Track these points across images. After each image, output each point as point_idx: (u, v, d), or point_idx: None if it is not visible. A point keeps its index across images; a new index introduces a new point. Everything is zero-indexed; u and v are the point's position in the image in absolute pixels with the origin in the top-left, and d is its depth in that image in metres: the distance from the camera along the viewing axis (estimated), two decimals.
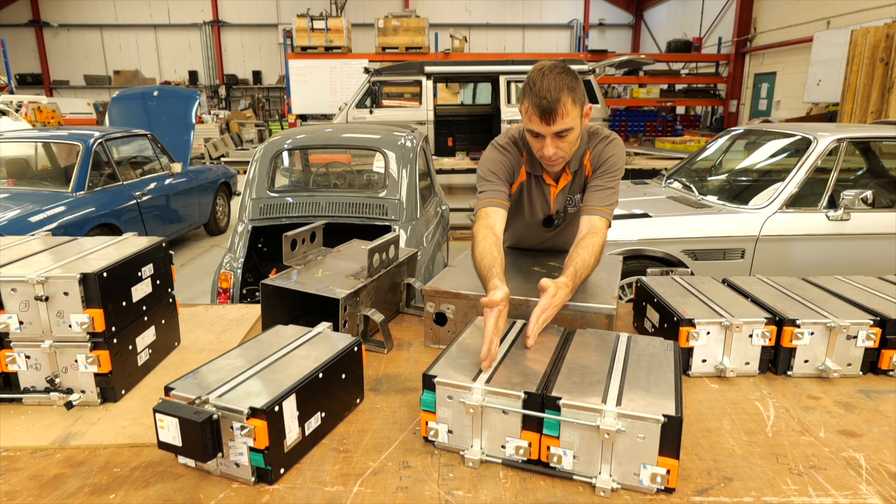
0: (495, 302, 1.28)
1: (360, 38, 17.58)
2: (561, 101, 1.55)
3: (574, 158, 1.81)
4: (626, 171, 6.54)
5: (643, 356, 1.22)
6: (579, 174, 1.85)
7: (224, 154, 13.56)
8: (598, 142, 1.81)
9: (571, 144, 1.68)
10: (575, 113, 1.60)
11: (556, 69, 1.59)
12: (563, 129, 1.60)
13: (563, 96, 1.55)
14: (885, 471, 1.10)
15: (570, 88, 1.57)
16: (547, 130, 1.61)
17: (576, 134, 1.66)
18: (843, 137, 3.70)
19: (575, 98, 1.59)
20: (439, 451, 1.16)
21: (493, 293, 1.32)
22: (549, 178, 1.86)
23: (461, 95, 13.85)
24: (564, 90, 1.56)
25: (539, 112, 1.57)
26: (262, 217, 3.41)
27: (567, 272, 1.49)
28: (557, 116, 1.57)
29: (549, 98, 1.55)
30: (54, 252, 1.47)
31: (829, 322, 1.42)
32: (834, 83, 9.99)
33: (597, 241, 1.62)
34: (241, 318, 1.88)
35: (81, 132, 5.73)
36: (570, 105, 1.57)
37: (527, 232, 2.00)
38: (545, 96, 1.55)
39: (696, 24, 18.29)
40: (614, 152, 1.79)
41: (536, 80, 1.58)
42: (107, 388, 1.33)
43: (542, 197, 1.90)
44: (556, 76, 1.56)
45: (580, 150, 1.81)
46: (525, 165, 1.84)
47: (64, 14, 21.56)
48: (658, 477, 1.01)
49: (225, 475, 1.07)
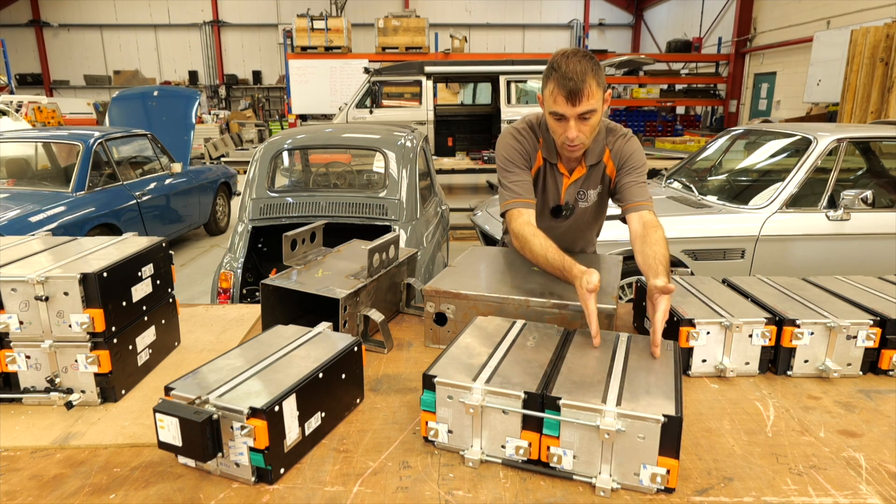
0: (598, 286, 1.35)
1: (360, 38, 17.58)
2: (587, 82, 1.59)
3: (591, 152, 1.83)
4: None
5: (643, 356, 1.23)
6: (596, 169, 1.87)
7: (224, 154, 13.56)
8: (616, 138, 1.84)
9: (593, 129, 1.70)
10: (598, 95, 1.63)
11: (580, 53, 1.64)
12: (587, 111, 1.63)
13: (588, 78, 1.59)
14: (885, 471, 1.10)
15: (594, 71, 1.61)
16: (572, 112, 1.63)
17: (597, 118, 1.69)
18: (843, 137, 3.70)
19: (598, 81, 1.62)
20: (439, 451, 1.16)
21: (589, 276, 1.37)
22: (562, 168, 1.87)
23: (461, 95, 13.86)
24: (589, 72, 1.60)
25: (566, 93, 1.60)
26: (262, 217, 3.41)
27: (660, 272, 1.49)
28: (583, 97, 1.60)
29: (575, 79, 1.58)
30: (54, 252, 1.47)
31: (829, 322, 1.42)
32: (834, 83, 9.99)
33: (661, 233, 1.66)
34: (241, 318, 1.88)
35: (81, 132, 5.73)
36: (595, 87, 1.61)
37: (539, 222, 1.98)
38: (572, 77, 1.58)
39: (696, 24, 18.29)
40: (636, 148, 1.83)
41: (561, 62, 1.61)
42: (107, 388, 1.33)
43: (554, 186, 1.91)
44: (581, 59, 1.61)
45: (598, 143, 1.83)
46: (541, 151, 1.86)
47: (64, 14, 21.56)
48: (658, 477, 1.01)
49: (225, 475, 1.07)
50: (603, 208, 2.04)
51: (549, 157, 1.86)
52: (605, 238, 3.52)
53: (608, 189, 1.95)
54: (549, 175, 1.90)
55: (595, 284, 1.35)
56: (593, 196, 1.94)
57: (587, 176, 1.87)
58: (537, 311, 1.53)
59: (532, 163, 1.86)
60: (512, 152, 1.85)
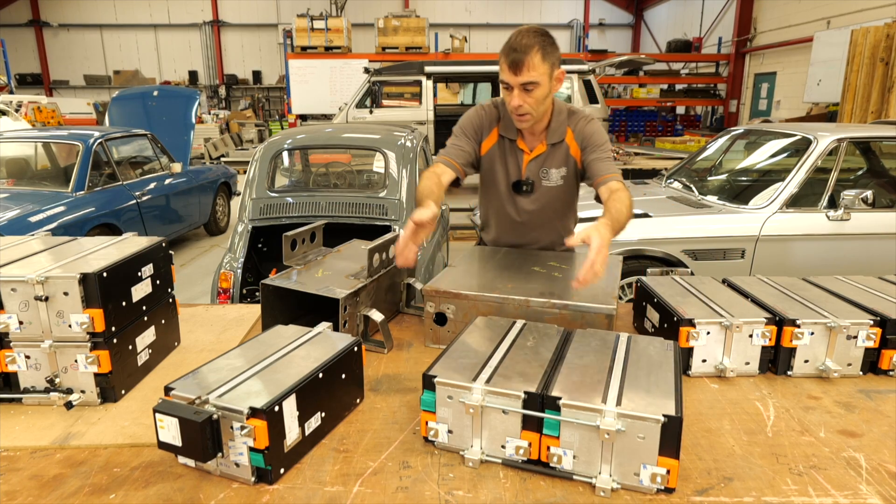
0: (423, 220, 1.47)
1: (360, 38, 17.56)
2: (530, 54, 1.70)
3: (553, 131, 1.93)
4: (626, 171, 6.56)
5: (643, 356, 1.22)
6: (558, 148, 1.94)
7: (224, 154, 13.56)
8: (578, 120, 1.94)
9: (538, 101, 1.78)
10: (543, 69, 1.73)
11: (533, 30, 1.75)
12: (530, 82, 1.73)
13: (532, 51, 1.70)
14: (885, 471, 1.10)
15: (541, 46, 1.72)
16: (515, 81, 1.74)
17: (543, 91, 1.77)
18: (843, 137, 3.70)
19: (545, 56, 1.72)
20: (439, 451, 1.16)
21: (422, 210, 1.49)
22: (522, 144, 1.96)
23: (461, 95, 13.85)
24: (536, 46, 1.71)
25: (509, 62, 1.72)
26: (262, 217, 3.41)
27: (604, 217, 1.56)
28: (524, 68, 1.71)
29: (519, 50, 1.70)
30: (54, 252, 1.47)
31: (829, 322, 1.42)
32: (834, 83, 9.99)
33: (625, 194, 1.71)
34: (241, 318, 1.88)
35: (81, 132, 5.73)
36: (539, 61, 1.71)
37: (505, 201, 2.04)
38: (516, 49, 1.71)
39: (696, 24, 18.29)
40: (596, 128, 1.92)
41: (513, 36, 1.75)
42: (107, 388, 1.33)
43: (515, 161, 1.99)
44: (532, 35, 1.72)
45: (560, 124, 1.92)
46: (499, 128, 1.97)
47: (64, 14, 21.55)
48: (658, 477, 1.01)
49: (225, 475, 1.07)
50: (572, 195, 2.06)
51: (507, 133, 1.96)
52: None
53: (576, 173, 1.99)
54: (508, 151, 1.98)
55: (420, 218, 1.46)
56: (556, 177, 1.98)
57: (548, 154, 1.94)
58: (537, 311, 1.53)
59: (484, 136, 1.98)
60: (466, 123, 1.99)
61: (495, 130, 1.97)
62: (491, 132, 1.97)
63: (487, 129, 1.97)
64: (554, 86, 1.80)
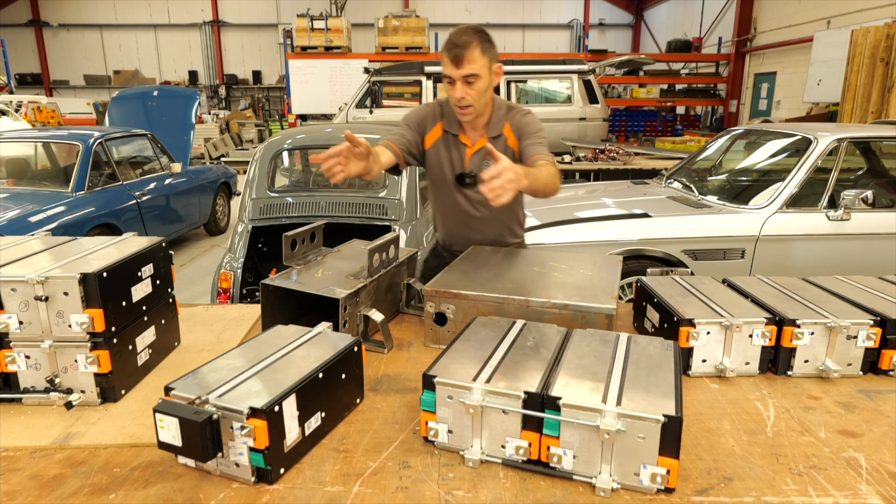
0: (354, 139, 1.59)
1: (360, 38, 17.57)
2: (470, 48, 1.82)
3: (493, 125, 2.02)
4: (626, 171, 6.56)
5: (643, 356, 1.22)
6: (498, 141, 2.03)
7: (224, 154, 13.56)
8: (515, 114, 2.04)
9: (479, 93, 1.89)
10: (483, 62, 1.85)
11: (472, 28, 1.87)
12: (471, 74, 1.84)
13: (472, 46, 1.82)
14: (885, 471, 1.10)
15: (480, 41, 1.84)
16: (457, 74, 1.85)
17: (483, 83, 1.88)
18: (843, 137, 3.70)
19: (484, 50, 1.85)
20: (439, 451, 1.16)
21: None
22: (465, 139, 2.05)
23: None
24: (475, 41, 1.83)
25: (451, 57, 1.83)
26: (262, 217, 3.41)
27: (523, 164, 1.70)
28: (465, 61, 1.82)
29: (459, 45, 1.82)
30: (54, 252, 1.47)
31: (829, 322, 1.42)
32: (834, 83, 9.99)
33: (551, 169, 1.80)
34: (241, 318, 1.88)
35: (81, 132, 5.73)
36: (479, 54, 1.84)
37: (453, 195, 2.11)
38: (457, 44, 1.83)
39: (696, 24, 18.28)
40: (532, 119, 2.02)
41: (452, 34, 1.87)
42: (107, 388, 1.33)
43: (458, 155, 2.07)
44: (470, 32, 1.85)
45: (499, 118, 2.02)
46: (443, 123, 2.07)
47: (64, 14, 21.55)
48: (658, 477, 1.01)
49: (225, 475, 1.07)
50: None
51: (450, 128, 2.06)
52: (605, 238, 3.55)
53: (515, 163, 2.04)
54: (451, 146, 2.07)
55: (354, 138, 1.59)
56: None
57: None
58: (537, 311, 1.53)
59: (427, 130, 2.08)
60: (410, 116, 2.11)
61: (439, 125, 2.07)
62: (434, 126, 2.07)
63: (431, 123, 2.08)
64: (493, 79, 1.92)
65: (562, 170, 6.74)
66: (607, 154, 7.17)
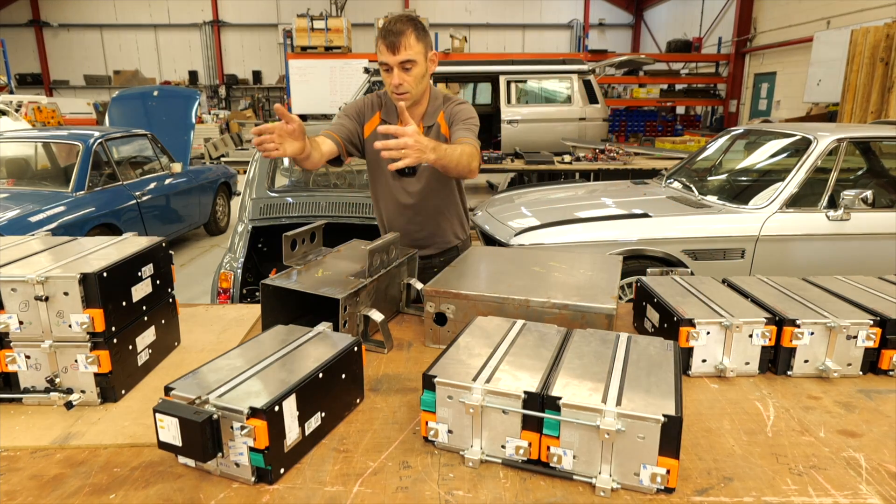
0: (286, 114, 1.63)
1: (360, 38, 17.57)
2: (405, 34, 1.85)
3: (428, 115, 2.07)
4: (626, 171, 6.56)
5: (643, 356, 1.22)
6: (433, 130, 2.07)
7: (224, 154, 13.56)
8: (450, 104, 2.08)
9: (416, 79, 1.92)
10: (419, 48, 1.89)
11: (406, 16, 1.91)
12: (407, 60, 1.87)
13: (407, 32, 1.86)
14: (885, 471, 1.10)
15: (415, 28, 1.88)
16: (393, 60, 1.87)
17: (420, 70, 1.92)
18: (843, 137, 3.70)
19: (419, 37, 1.88)
20: (439, 451, 1.16)
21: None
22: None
23: (461, 95, 13.84)
24: (410, 29, 1.87)
25: (387, 44, 1.86)
26: (262, 217, 3.41)
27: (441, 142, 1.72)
28: (401, 47, 1.85)
29: (394, 31, 1.85)
30: (54, 252, 1.47)
31: (829, 322, 1.42)
32: (834, 83, 9.99)
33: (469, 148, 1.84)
34: (241, 318, 1.88)
35: (81, 132, 5.73)
36: (414, 40, 1.87)
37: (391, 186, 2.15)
38: (392, 31, 1.85)
39: (696, 24, 18.29)
40: (464, 108, 2.05)
41: (386, 22, 1.90)
42: (107, 388, 1.33)
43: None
44: (405, 20, 1.89)
45: (435, 108, 2.06)
46: (381, 113, 2.10)
47: (64, 14, 21.56)
48: (658, 477, 1.01)
49: (225, 475, 1.07)
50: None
51: (388, 118, 2.08)
52: (605, 238, 3.55)
53: None
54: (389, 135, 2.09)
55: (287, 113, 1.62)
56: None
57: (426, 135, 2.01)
58: (537, 311, 1.53)
59: (366, 119, 2.12)
60: (349, 107, 2.15)
61: (377, 115, 2.10)
62: (373, 116, 2.11)
63: (370, 113, 2.11)
64: (429, 66, 1.96)
65: (562, 170, 6.74)
66: (607, 154, 7.17)
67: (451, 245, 2.24)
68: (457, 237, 2.25)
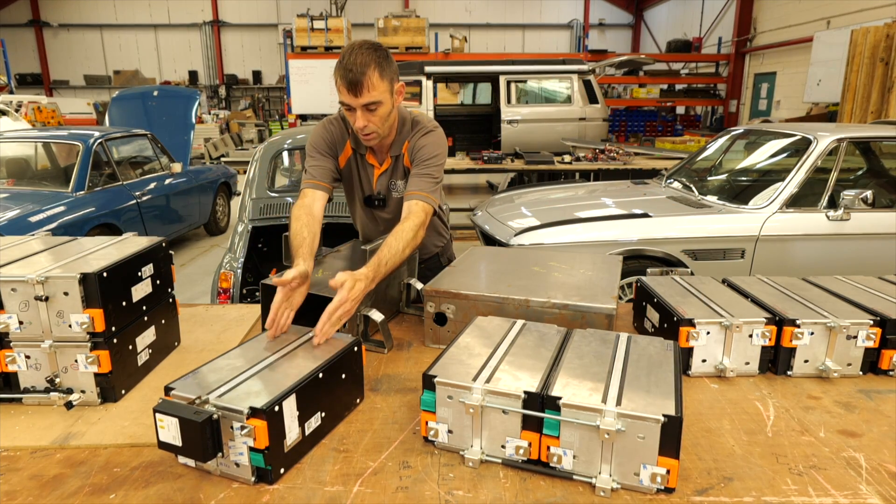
0: (284, 281, 1.41)
1: (360, 38, 17.53)
2: (367, 74, 1.63)
3: (396, 144, 1.90)
4: (626, 171, 6.56)
5: (643, 356, 1.22)
6: (399, 161, 1.93)
7: (224, 154, 13.57)
8: (416, 132, 1.89)
9: (382, 119, 1.74)
10: (383, 87, 1.68)
11: (366, 46, 1.68)
12: (371, 102, 1.68)
13: (369, 70, 1.63)
14: (885, 471, 1.10)
15: (377, 64, 1.65)
16: (356, 102, 1.67)
17: (386, 108, 1.73)
18: (843, 137, 3.70)
19: (382, 73, 1.67)
20: (439, 451, 1.16)
21: (286, 273, 1.44)
22: (372, 159, 1.94)
23: (461, 95, 13.84)
24: (372, 65, 1.64)
25: (347, 84, 1.65)
26: (262, 217, 3.41)
27: (371, 262, 1.54)
28: (364, 89, 1.65)
29: (355, 71, 1.63)
30: (54, 252, 1.47)
31: (829, 322, 1.42)
32: (834, 83, 9.99)
33: (407, 225, 1.68)
34: (241, 318, 1.88)
35: (81, 132, 5.73)
36: (377, 79, 1.66)
37: (363, 214, 2.07)
38: (352, 69, 1.63)
39: (696, 24, 18.29)
40: (428, 142, 1.86)
41: (346, 54, 1.66)
42: (107, 388, 1.33)
43: (366, 176, 1.98)
44: (365, 51, 1.65)
45: (403, 136, 1.89)
46: (350, 141, 1.93)
47: (64, 14, 21.56)
48: (658, 477, 1.01)
49: (225, 475, 1.07)
50: None
51: (357, 147, 1.93)
52: (605, 238, 3.55)
53: None
54: (360, 166, 1.96)
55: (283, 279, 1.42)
56: (403, 188, 1.95)
57: (393, 167, 1.94)
58: (537, 311, 1.53)
59: (339, 151, 1.94)
60: (318, 140, 1.91)
61: (348, 144, 1.93)
62: (345, 146, 1.94)
63: (340, 143, 1.93)
64: (396, 100, 1.77)
65: (562, 170, 6.74)
66: (607, 154, 7.17)
67: (430, 254, 2.19)
68: (435, 245, 2.19)
